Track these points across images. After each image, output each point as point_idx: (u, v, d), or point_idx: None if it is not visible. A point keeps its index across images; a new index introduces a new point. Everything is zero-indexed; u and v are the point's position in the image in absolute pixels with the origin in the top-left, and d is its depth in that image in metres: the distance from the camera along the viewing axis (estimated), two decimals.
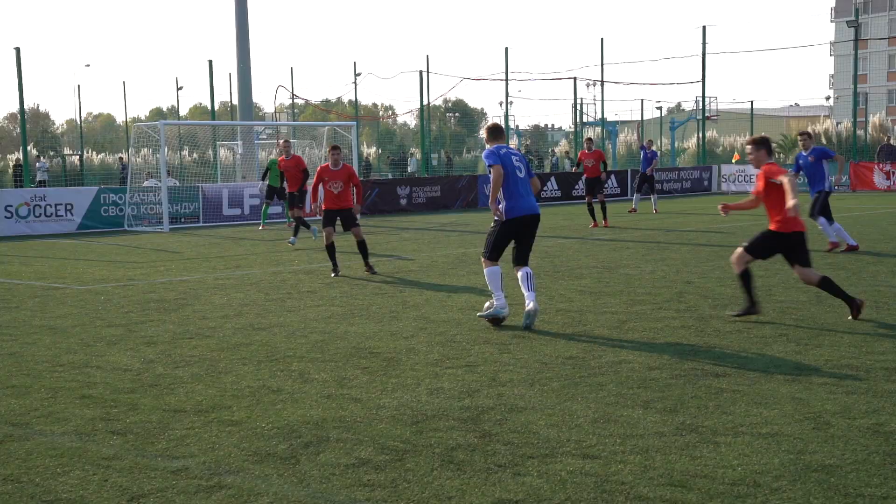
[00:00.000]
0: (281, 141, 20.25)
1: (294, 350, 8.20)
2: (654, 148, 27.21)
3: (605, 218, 21.29)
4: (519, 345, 8.24)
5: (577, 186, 34.08)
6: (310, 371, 7.39)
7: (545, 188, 33.23)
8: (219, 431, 5.74)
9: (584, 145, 22.33)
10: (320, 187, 13.79)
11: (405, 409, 6.21)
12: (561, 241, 18.19)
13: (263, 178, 22.76)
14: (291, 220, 22.70)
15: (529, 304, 9.09)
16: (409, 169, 41.76)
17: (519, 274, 9.28)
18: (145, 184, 25.55)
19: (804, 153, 15.24)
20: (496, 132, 9.56)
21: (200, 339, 8.75)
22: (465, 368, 7.37)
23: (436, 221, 24.68)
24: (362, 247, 13.76)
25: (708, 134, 49.23)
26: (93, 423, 5.97)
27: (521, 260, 9.36)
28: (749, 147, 9.19)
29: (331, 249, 13.55)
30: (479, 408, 6.18)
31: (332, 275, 13.30)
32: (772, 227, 9.03)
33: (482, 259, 9.45)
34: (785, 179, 8.68)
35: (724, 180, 37.94)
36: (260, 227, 22.96)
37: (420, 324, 9.41)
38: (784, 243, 8.98)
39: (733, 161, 38.39)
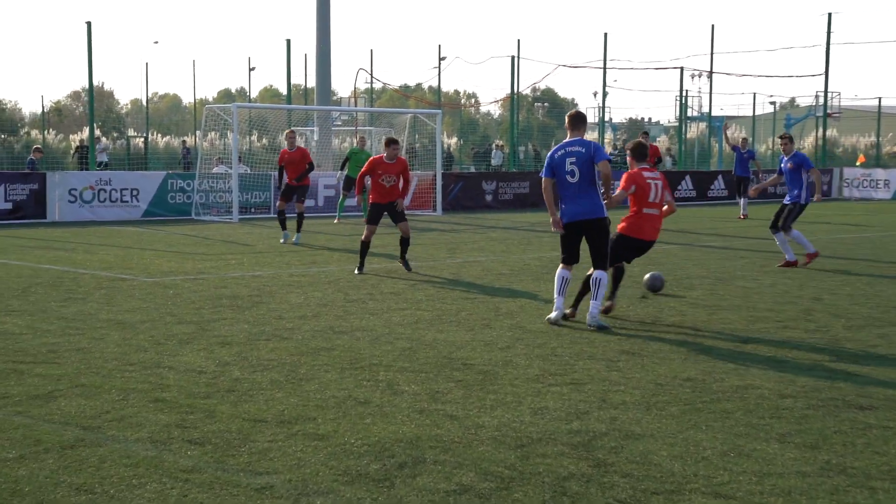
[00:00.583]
0: (286, 131, 19.66)
1: (380, 358, 8.12)
2: (749, 147, 26.45)
3: None
4: (629, 362, 8.01)
5: (680, 187, 33.49)
6: (399, 382, 7.29)
7: None
8: (304, 446, 5.66)
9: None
10: (367, 179, 14.08)
11: (507, 429, 6.04)
12: (664, 246, 17.81)
13: (342, 168, 22.87)
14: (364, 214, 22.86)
15: (589, 312, 9.66)
16: (493, 162, 41.58)
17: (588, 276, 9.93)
18: (215, 170, 25.92)
19: (785, 157, 15.18)
20: (574, 122, 9.89)
21: (278, 342, 8.73)
22: (571, 386, 7.18)
23: (524, 221, 24.49)
24: (405, 243, 14.02)
25: (827, 133, 47.94)
26: (168, 429, 5.95)
27: (594, 263, 9.87)
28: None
29: (366, 247, 13.86)
30: (591, 432, 5.98)
31: (357, 272, 13.59)
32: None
33: None
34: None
35: (846, 185, 36.88)
36: (336, 221, 23.08)
37: (516, 333, 9.25)
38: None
39: (857, 164, 37.24)
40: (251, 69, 56.15)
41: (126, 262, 14.62)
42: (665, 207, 10.44)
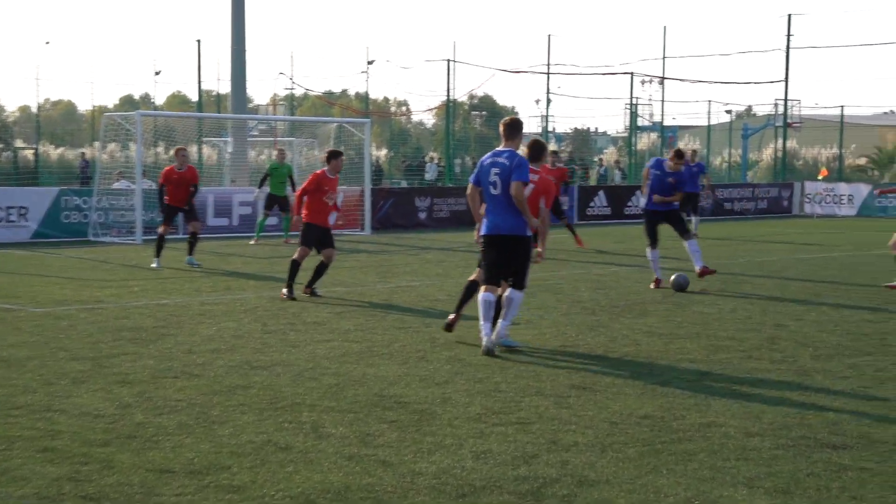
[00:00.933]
0: (175, 148, 19.30)
1: (303, 396, 7.97)
2: (699, 159, 26.32)
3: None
4: (580, 398, 7.98)
5: (630, 203, 33.86)
6: (324, 424, 7.15)
7: (592, 203, 32.99)
8: (217, 499, 5.49)
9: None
10: (305, 198, 13.97)
11: (447, 476, 5.94)
12: (615, 268, 17.94)
13: (262, 185, 22.71)
14: (289, 234, 22.76)
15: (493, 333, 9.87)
16: (427, 176, 41.63)
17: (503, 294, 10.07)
18: (115, 185, 25.48)
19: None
20: (509, 130, 10.08)
21: (187, 380, 8.52)
22: (517, 426, 7.11)
23: (462, 241, 24.45)
24: (322, 270, 13.94)
25: (787, 144, 48.93)
26: (59, 484, 5.73)
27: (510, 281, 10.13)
28: None
29: (297, 266, 13.73)
30: (540, 478, 5.91)
31: (284, 295, 13.54)
32: None
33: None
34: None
35: (807, 200, 37.62)
36: (252, 242, 22.79)
37: (455, 367, 9.18)
38: None
39: (819, 178, 38.04)
40: (156, 73, 55.67)
41: (11, 291, 14.23)
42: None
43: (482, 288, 10.16)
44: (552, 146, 49.41)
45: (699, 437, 6.83)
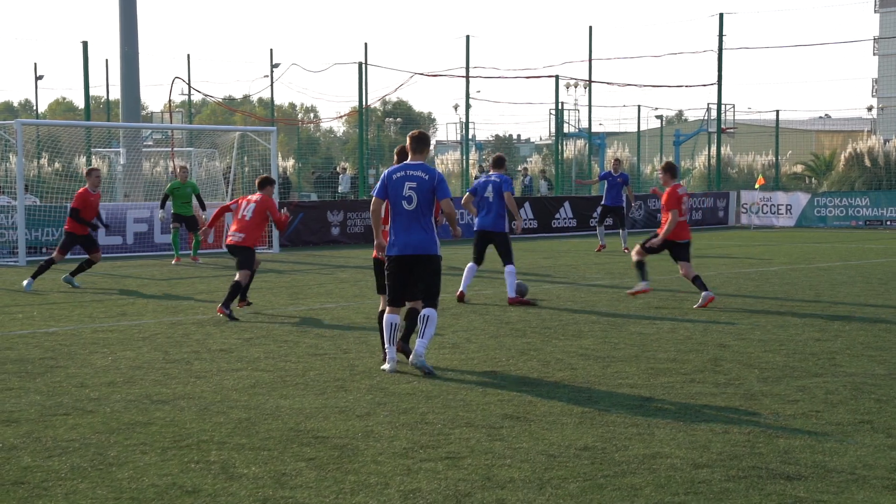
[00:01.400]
0: (89, 168, 19.29)
1: (211, 433, 7.80)
2: (622, 169, 26.55)
3: None
4: (514, 429, 7.93)
5: (557, 215, 34.10)
6: (235, 463, 7.00)
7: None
8: None
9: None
10: (225, 215, 15.19)
11: None
12: (546, 286, 18.00)
13: (163, 205, 22.49)
14: (197, 252, 22.59)
15: (415, 351, 10.12)
16: (340, 189, 41.44)
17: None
18: None
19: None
20: (417, 144, 10.38)
21: (80, 416, 8.29)
22: (447, 462, 7.03)
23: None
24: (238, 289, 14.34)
25: (722, 150, 49.82)
26: None
27: (423, 300, 10.41)
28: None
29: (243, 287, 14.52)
30: None
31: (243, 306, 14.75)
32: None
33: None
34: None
35: (744, 210, 38.28)
36: (174, 261, 22.48)
37: (376, 397, 9.08)
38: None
39: (756, 186, 38.77)
40: (39, 77, 54.34)
41: None
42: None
43: (386, 309, 10.38)
44: (474, 154, 49.60)
45: (644, 469, 6.83)
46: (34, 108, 65.20)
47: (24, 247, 22.80)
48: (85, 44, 28.55)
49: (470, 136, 45.77)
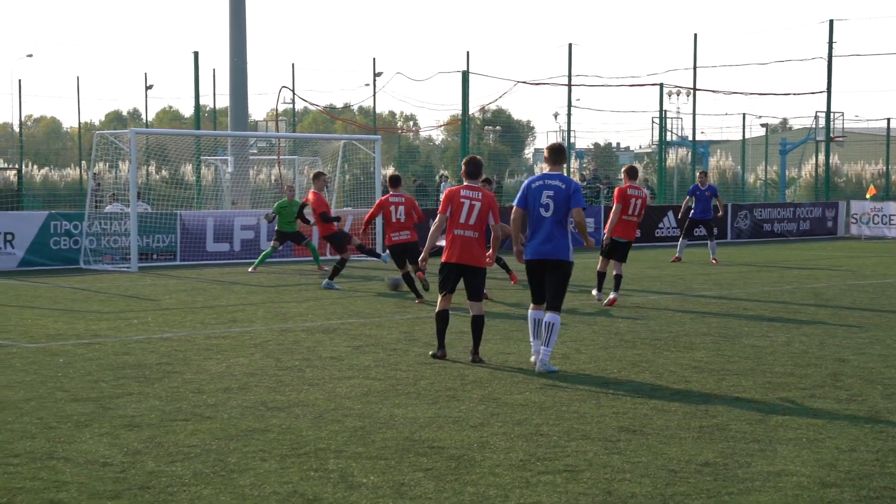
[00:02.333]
0: (315, 172, 20.86)
1: (327, 441, 7.84)
2: (709, 182, 26.29)
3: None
4: (631, 442, 7.82)
5: (661, 225, 33.71)
6: (353, 472, 7.02)
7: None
8: None
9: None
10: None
11: None
12: (654, 297, 17.79)
13: (272, 220, 22.76)
14: (320, 261, 23.00)
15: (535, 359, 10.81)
16: (440, 196, 41.55)
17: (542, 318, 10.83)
18: (108, 209, 25.43)
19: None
20: (555, 155, 11.11)
21: (199, 422, 8.40)
22: (566, 475, 6.96)
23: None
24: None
25: (830, 160, 48.80)
26: None
27: (548, 303, 10.88)
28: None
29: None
30: None
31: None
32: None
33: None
34: None
35: (853, 221, 37.41)
36: (251, 270, 22.63)
37: (489, 407, 9.04)
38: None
39: (868, 196, 37.84)
40: (148, 87, 55.57)
41: (1, 324, 14.14)
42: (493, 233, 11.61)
43: (531, 306, 11.02)
44: (574, 163, 49.32)
45: (769, 487, 6.67)
46: (142, 117, 66.66)
47: (136, 253, 23.27)
48: (196, 54, 29.09)
49: (570, 144, 45.46)
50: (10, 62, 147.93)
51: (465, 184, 11.53)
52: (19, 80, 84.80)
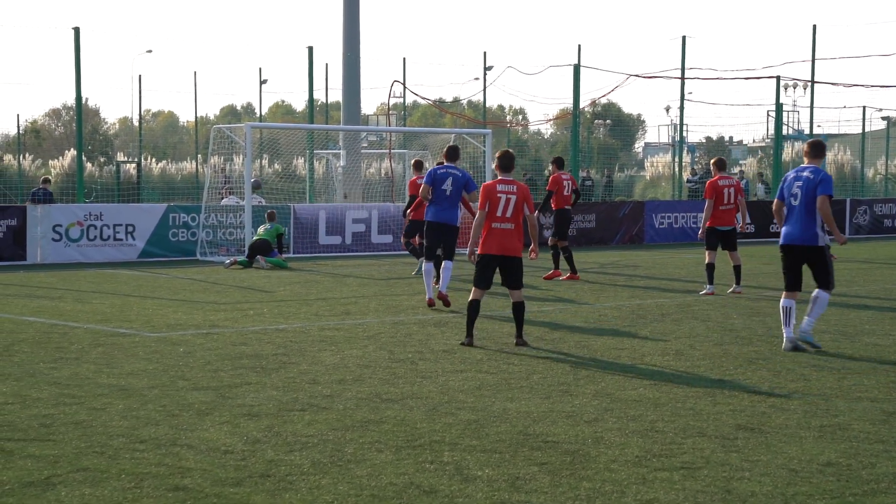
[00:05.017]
0: (416, 160, 21.15)
1: (441, 433, 7.88)
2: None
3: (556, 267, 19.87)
4: (749, 440, 7.70)
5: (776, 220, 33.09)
6: (468, 465, 7.05)
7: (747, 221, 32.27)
8: None
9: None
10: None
11: None
12: (769, 293, 17.47)
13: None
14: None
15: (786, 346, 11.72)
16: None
17: None
18: (224, 202, 25.94)
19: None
20: (814, 149, 11.99)
21: (315, 413, 8.52)
22: (682, 472, 6.89)
23: (592, 261, 24.22)
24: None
25: None
26: None
27: (818, 284, 11.92)
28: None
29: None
30: None
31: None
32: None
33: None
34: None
35: None
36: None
37: (603, 402, 8.99)
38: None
39: None
40: (262, 82, 56.41)
41: (124, 314, 14.53)
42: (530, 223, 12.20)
43: (784, 294, 11.97)
44: (686, 157, 48.65)
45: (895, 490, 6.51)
46: (256, 111, 67.75)
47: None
48: (310, 49, 29.44)
49: (681, 139, 44.84)
50: (131, 58, 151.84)
51: (499, 178, 12.09)
52: (139, 76, 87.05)
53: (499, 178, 12.13)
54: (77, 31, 24.68)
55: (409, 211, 18.85)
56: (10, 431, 7.82)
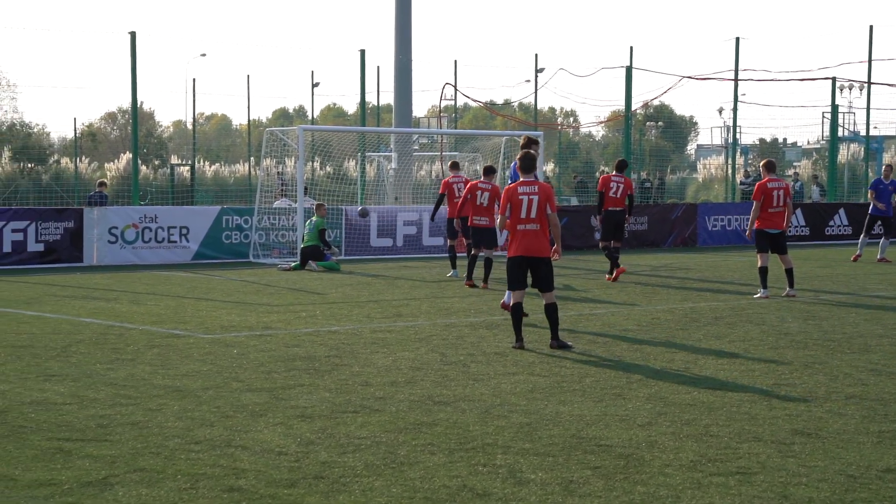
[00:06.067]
0: (452, 161, 20.97)
1: (494, 436, 7.87)
2: (893, 176, 25.20)
3: (612, 270, 19.70)
4: (806, 445, 7.61)
5: (831, 222, 32.73)
6: (521, 467, 7.03)
7: (792, 224, 31.98)
8: None
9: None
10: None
11: None
12: (825, 296, 17.27)
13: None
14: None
15: None
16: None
17: None
18: (276, 204, 26.12)
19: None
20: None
21: (368, 415, 8.54)
22: (738, 477, 6.82)
23: (644, 263, 24.09)
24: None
25: None
26: None
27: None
28: None
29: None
30: None
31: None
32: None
33: None
34: None
35: None
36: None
37: (657, 406, 8.93)
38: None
39: None
40: (314, 85, 56.69)
41: (179, 315, 14.67)
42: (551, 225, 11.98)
43: None
44: (739, 159, 48.23)
45: None
46: (307, 114, 68.13)
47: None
48: (362, 52, 29.59)
49: (735, 140, 44.47)
50: (185, 62, 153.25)
51: (521, 179, 12.08)
52: (193, 80, 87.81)
53: (521, 179, 12.11)
54: (133, 35, 24.98)
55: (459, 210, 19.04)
56: (68, 432, 7.92)
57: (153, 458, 7.18)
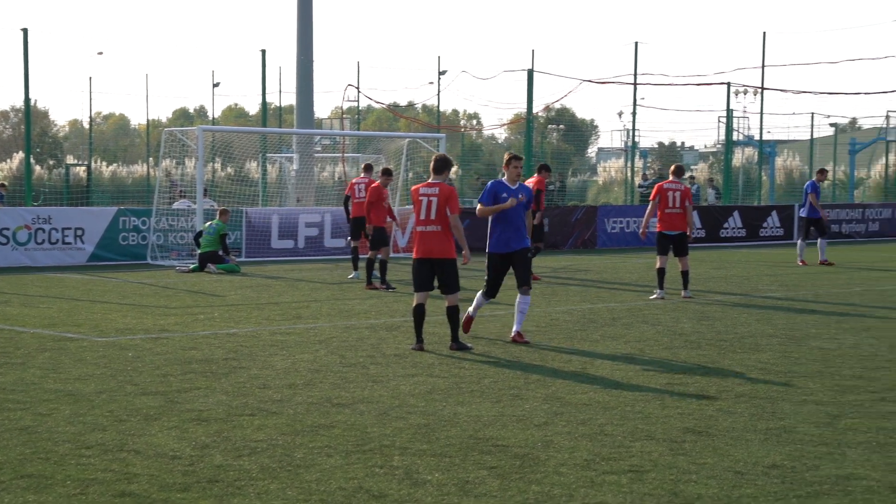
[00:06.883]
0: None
1: (391, 437, 7.89)
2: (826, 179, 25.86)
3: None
4: (697, 443, 7.77)
5: (726, 224, 33.41)
6: (418, 469, 7.06)
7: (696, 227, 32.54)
8: None
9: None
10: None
11: None
12: (719, 297, 17.63)
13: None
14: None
15: None
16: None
17: None
18: (175, 205, 25.77)
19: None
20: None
21: (265, 417, 8.49)
22: (631, 475, 6.94)
23: (545, 265, 24.28)
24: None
25: (892, 159, 47.95)
26: None
27: None
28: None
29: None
30: None
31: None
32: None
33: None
34: None
35: None
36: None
37: (553, 406, 9.04)
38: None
39: None
40: (215, 85, 56.14)
41: (73, 318, 14.39)
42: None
43: None
44: (638, 162, 48.99)
45: (838, 490, 6.60)
46: (208, 114, 67.41)
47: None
48: (263, 52, 29.32)
49: (634, 144, 45.13)
50: (82, 60, 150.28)
51: (428, 180, 12.14)
52: (90, 78, 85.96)
53: (429, 180, 12.20)
54: (25, 32, 24.40)
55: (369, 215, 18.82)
56: None
57: (42, 464, 7.04)
